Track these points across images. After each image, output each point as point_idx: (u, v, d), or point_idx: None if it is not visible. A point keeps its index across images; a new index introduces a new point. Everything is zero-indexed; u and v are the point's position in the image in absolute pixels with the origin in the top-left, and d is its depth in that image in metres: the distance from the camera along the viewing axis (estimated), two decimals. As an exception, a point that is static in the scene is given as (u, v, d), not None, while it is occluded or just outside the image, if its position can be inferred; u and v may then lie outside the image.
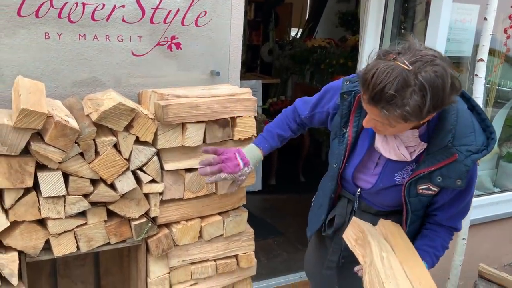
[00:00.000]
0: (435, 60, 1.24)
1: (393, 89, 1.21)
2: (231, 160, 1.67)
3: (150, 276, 1.86)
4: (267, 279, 3.23)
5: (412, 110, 1.23)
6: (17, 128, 1.48)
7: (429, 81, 1.21)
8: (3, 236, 1.58)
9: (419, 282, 1.36)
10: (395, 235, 1.53)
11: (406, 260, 1.44)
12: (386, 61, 1.26)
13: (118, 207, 1.73)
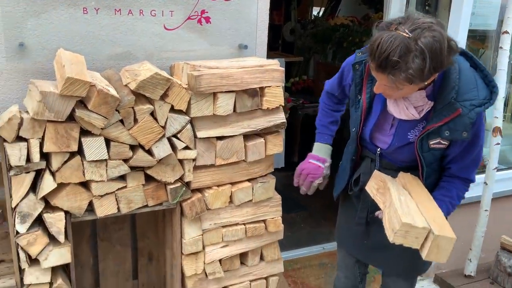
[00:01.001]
0: (432, 27, 1.36)
1: (397, 56, 1.34)
2: (311, 168, 1.88)
3: (185, 237, 1.98)
4: (291, 250, 3.34)
5: (415, 72, 1.35)
6: (63, 95, 1.59)
7: (428, 46, 1.34)
8: (50, 197, 1.71)
9: (433, 220, 1.46)
10: (413, 184, 1.65)
11: (422, 202, 1.55)
12: (388, 31, 1.37)
13: (155, 172, 1.84)
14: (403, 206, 1.51)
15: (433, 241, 1.41)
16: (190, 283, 2.04)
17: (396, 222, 1.46)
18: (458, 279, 3.12)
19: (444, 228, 1.45)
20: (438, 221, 1.47)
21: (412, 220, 1.44)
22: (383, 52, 1.35)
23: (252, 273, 2.20)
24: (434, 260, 1.48)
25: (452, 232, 1.45)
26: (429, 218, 1.47)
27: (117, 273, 2.20)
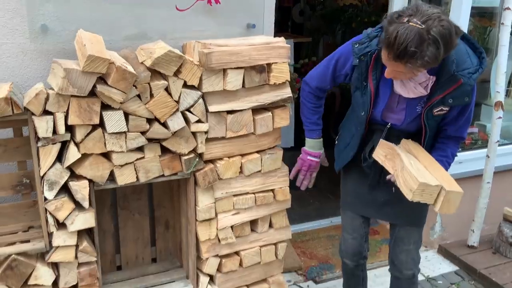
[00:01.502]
0: (440, 16, 1.53)
1: (414, 46, 1.50)
2: (309, 163, 2.14)
3: (199, 205, 2.12)
4: (301, 224, 3.49)
5: (430, 59, 1.53)
6: (85, 72, 1.72)
7: (440, 34, 1.51)
8: (75, 167, 1.86)
9: (442, 178, 1.68)
10: (417, 149, 1.86)
11: (429, 165, 1.76)
12: (401, 23, 1.53)
13: (170, 144, 1.98)
14: (415, 169, 1.71)
15: (445, 196, 1.64)
16: (204, 247, 2.19)
17: (413, 183, 1.66)
18: (461, 249, 3.25)
19: (452, 185, 1.67)
20: (446, 179, 1.69)
21: (426, 179, 1.65)
22: (401, 44, 1.51)
23: (262, 239, 2.34)
24: (445, 212, 1.71)
25: (459, 187, 1.67)
26: (438, 177, 1.68)
27: (136, 240, 2.36)
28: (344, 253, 2.27)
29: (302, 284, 2.92)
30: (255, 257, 2.33)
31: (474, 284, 3.00)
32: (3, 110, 1.67)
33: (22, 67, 2.08)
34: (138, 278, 2.28)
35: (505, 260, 3.11)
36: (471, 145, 3.45)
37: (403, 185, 1.73)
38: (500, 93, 2.86)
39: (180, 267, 2.39)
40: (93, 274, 1.97)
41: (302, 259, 3.14)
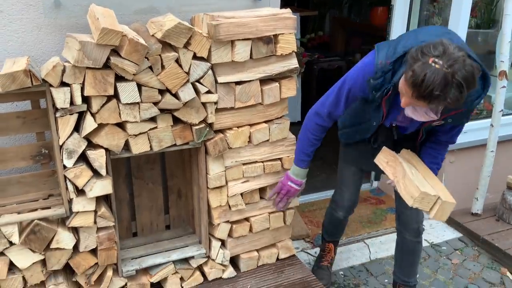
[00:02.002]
0: (465, 60, 1.55)
1: (439, 90, 1.55)
2: (288, 189, 2.26)
3: (210, 173, 2.21)
4: (308, 194, 3.58)
5: (452, 101, 1.59)
6: (99, 44, 1.79)
7: (464, 78, 1.54)
8: (92, 136, 1.94)
9: (439, 189, 1.88)
10: (414, 159, 2.06)
11: (426, 175, 1.96)
12: (428, 64, 1.55)
13: (181, 114, 2.06)
14: (416, 178, 1.89)
15: (441, 205, 1.83)
16: (215, 213, 2.28)
17: (414, 191, 1.83)
18: (465, 217, 3.33)
19: (447, 196, 1.87)
20: (441, 189, 1.88)
21: (426, 189, 1.83)
22: (428, 87, 1.55)
23: (271, 206, 2.43)
24: (438, 219, 1.89)
25: (452, 198, 1.87)
26: (435, 188, 1.88)
27: (150, 208, 2.46)
28: (340, 207, 2.46)
29: (310, 251, 3.02)
30: (264, 223, 2.43)
31: (477, 250, 3.09)
32: (22, 82, 1.75)
33: (37, 42, 2.15)
34: (153, 243, 2.39)
35: (508, 226, 3.20)
36: (476, 115, 3.50)
37: (403, 191, 1.90)
38: (505, 63, 2.89)
39: (193, 233, 2.50)
40: (111, 238, 2.07)
41: (310, 227, 3.24)
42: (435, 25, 3.40)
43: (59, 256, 2.01)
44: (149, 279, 2.25)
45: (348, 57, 5.88)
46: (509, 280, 2.82)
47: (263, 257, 2.50)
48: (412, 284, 2.41)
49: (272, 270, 2.48)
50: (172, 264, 2.28)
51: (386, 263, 2.94)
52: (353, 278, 2.81)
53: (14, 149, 2.09)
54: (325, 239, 2.75)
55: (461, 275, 2.86)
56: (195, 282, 2.36)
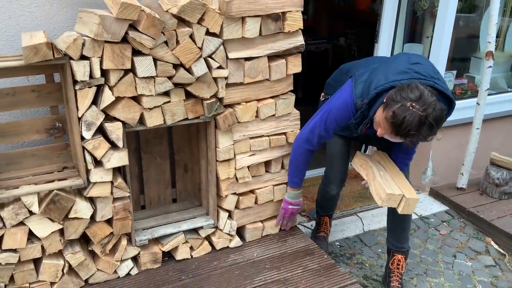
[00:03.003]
0: (436, 105, 1.83)
1: (414, 130, 1.84)
2: (291, 211, 2.53)
3: (219, 146, 2.29)
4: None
5: (424, 137, 1.89)
6: (118, 19, 1.84)
7: (435, 119, 1.83)
8: (109, 110, 2.00)
9: (404, 187, 2.15)
10: (385, 160, 2.33)
11: (394, 175, 2.23)
12: (406, 108, 1.81)
13: (194, 88, 2.13)
14: (383, 180, 2.18)
15: (406, 201, 2.11)
16: (224, 185, 2.38)
17: (382, 193, 2.12)
18: (451, 191, 3.52)
19: (411, 193, 2.13)
20: (407, 187, 2.16)
21: (392, 190, 2.12)
22: (406, 128, 1.83)
23: (275, 179, 2.54)
24: (405, 213, 2.16)
25: (416, 195, 2.13)
26: (401, 186, 2.16)
27: (158, 182, 2.53)
28: (333, 181, 2.62)
29: (306, 224, 3.15)
30: (268, 195, 2.54)
31: (463, 222, 3.28)
32: (45, 54, 1.79)
33: (48, 17, 2.18)
34: (162, 215, 2.47)
35: (491, 200, 3.39)
36: (461, 95, 3.67)
37: (374, 192, 2.19)
38: (491, 43, 3.04)
39: (199, 206, 2.58)
40: (126, 208, 2.15)
41: (305, 202, 3.37)
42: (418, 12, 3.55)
43: (76, 225, 2.07)
44: (160, 248, 2.34)
45: (333, 41, 6.01)
46: (494, 248, 3.01)
47: (267, 228, 2.62)
48: (405, 249, 2.56)
49: (276, 239, 2.60)
50: (182, 234, 2.37)
51: (378, 234, 3.10)
52: (348, 248, 2.96)
53: (29, 122, 2.13)
54: (320, 214, 2.90)
55: (448, 245, 3.04)
56: (204, 251, 2.45)
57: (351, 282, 2.29)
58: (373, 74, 2.07)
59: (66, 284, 2.16)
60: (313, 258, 2.46)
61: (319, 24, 6.45)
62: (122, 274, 2.28)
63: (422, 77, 1.96)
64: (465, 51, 3.94)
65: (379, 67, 2.10)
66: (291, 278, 2.30)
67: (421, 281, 2.68)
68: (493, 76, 3.41)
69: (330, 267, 2.39)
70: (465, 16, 3.95)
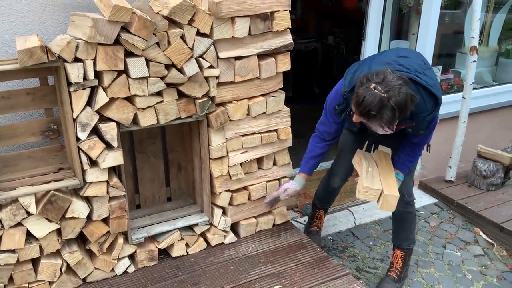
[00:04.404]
0: (401, 88, 1.83)
1: (375, 110, 1.83)
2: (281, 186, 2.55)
3: (212, 144, 2.34)
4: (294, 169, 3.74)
5: (386, 121, 1.87)
6: (110, 21, 1.89)
7: (397, 103, 1.82)
8: (103, 110, 2.04)
9: (387, 184, 2.20)
10: (382, 160, 2.37)
11: (383, 173, 2.27)
12: (369, 89, 1.83)
13: (186, 88, 2.18)
14: (368, 175, 2.25)
15: (384, 197, 2.15)
16: (217, 182, 2.43)
17: (360, 185, 2.19)
18: (439, 184, 3.59)
19: (392, 190, 2.17)
20: (390, 185, 2.20)
21: (370, 184, 2.18)
22: (366, 107, 1.84)
23: (267, 175, 2.60)
24: (385, 210, 2.19)
25: (397, 192, 2.17)
26: (384, 183, 2.20)
27: (152, 181, 2.58)
28: (337, 174, 2.67)
29: (299, 219, 3.21)
30: (261, 191, 2.59)
31: (452, 213, 3.36)
32: (39, 57, 1.83)
33: (41, 21, 2.21)
34: (157, 214, 2.52)
35: (479, 191, 3.48)
36: (447, 90, 3.75)
37: (358, 185, 2.24)
38: (475, 39, 3.12)
39: (193, 204, 2.63)
40: (122, 207, 2.19)
41: (297, 198, 3.43)
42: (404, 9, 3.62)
43: (73, 225, 2.10)
44: (157, 245, 2.38)
45: (322, 39, 6.08)
46: (482, 238, 3.09)
47: (261, 223, 2.67)
48: (405, 248, 2.61)
49: (270, 234, 2.66)
50: (177, 232, 2.41)
51: (370, 228, 3.17)
52: (341, 241, 3.02)
53: (24, 125, 2.16)
54: (316, 206, 2.94)
55: (438, 236, 3.11)
56: (199, 248, 2.50)
57: (344, 273, 2.35)
58: (361, 65, 2.14)
59: (65, 283, 2.19)
60: (306, 251, 2.51)
61: (307, 24, 6.52)
62: (119, 272, 2.33)
63: (405, 69, 1.99)
64: (450, 47, 4.04)
65: (368, 59, 2.18)
66: (285, 271, 2.35)
67: (412, 272, 2.75)
68: (478, 70, 3.50)
69: (323, 259, 2.45)
70: (450, 12, 4.05)
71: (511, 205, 3.28)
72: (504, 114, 3.98)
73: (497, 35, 4.17)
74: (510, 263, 2.87)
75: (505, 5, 4.14)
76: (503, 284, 2.69)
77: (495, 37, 4.16)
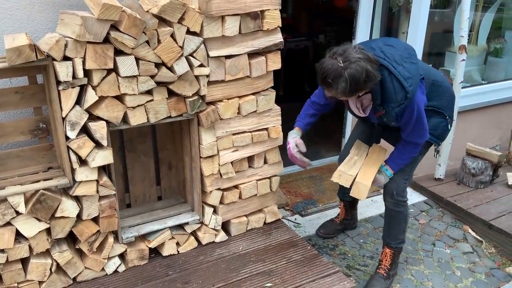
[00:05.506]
0: (359, 61, 1.92)
1: (330, 78, 1.94)
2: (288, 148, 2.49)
3: (202, 143, 2.34)
4: (285, 167, 3.75)
5: (341, 91, 1.96)
6: (100, 19, 1.88)
7: (351, 75, 1.91)
8: (93, 109, 2.03)
9: (364, 174, 2.30)
10: (374, 153, 2.46)
11: (367, 165, 2.37)
12: (331, 58, 1.95)
13: (176, 87, 2.17)
14: (350, 162, 2.38)
15: (355, 184, 2.27)
16: (208, 181, 2.43)
17: (337, 169, 2.33)
18: (429, 182, 3.62)
19: (365, 179, 2.26)
20: (366, 175, 2.30)
21: (347, 170, 2.31)
22: (323, 74, 1.95)
23: (258, 174, 2.60)
24: (356, 196, 2.28)
25: (369, 183, 2.25)
26: (361, 172, 2.31)
27: (143, 180, 2.57)
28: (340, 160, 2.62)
29: (290, 218, 3.22)
30: (252, 189, 2.60)
31: (441, 211, 3.39)
32: (28, 56, 1.82)
33: (30, 19, 2.20)
34: (148, 212, 2.51)
35: (468, 189, 3.51)
36: (437, 89, 3.77)
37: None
38: (464, 38, 3.15)
39: (184, 203, 2.63)
40: (112, 206, 2.18)
41: (288, 197, 3.44)
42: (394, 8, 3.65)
43: (63, 224, 2.09)
44: (147, 244, 2.38)
45: (313, 38, 6.09)
46: (471, 235, 3.12)
47: (251, 222, 2.68)
48: (393, 246, 2.61)
49: (260, 233, 2.66)
50: (168, 230, 2.41)
51: (360, 226, 3.18)
52: (331, 239, 3.03)
53: (13, 123, 2.15)
54: (339, 198, 3.02)
55: (428, 233, 3.14)
56: (190, 247, 2.50)
57: (334, 271, 2.36)
58: None
59: (54, 283, 2.18)
60: (297, 249, 2.52)
61: (298, 22, 6.53)
62: (110, 272, 2.32)
63: (384, 57, 2.07)
64: (440, 46, 4.06)
65: (359, 43, 2.23)
66: (276, 269, 2.36)
67: (402, 269, 2.77)
68: (467, 69, 3.52)
69: (314, 257, 2.46)
70: (440, 11, 4.08)
71: (500, 202, 3.31)
72: (492, 113, 4.01)
73: (486, 34, 4.20)
74: (498, 260, 2.90)
75: (494, 4, 4.17)
76: (491, 280, 2.72)
77: (484, 36, 4.19)
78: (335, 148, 4.07)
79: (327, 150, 4.10)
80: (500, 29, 4.38)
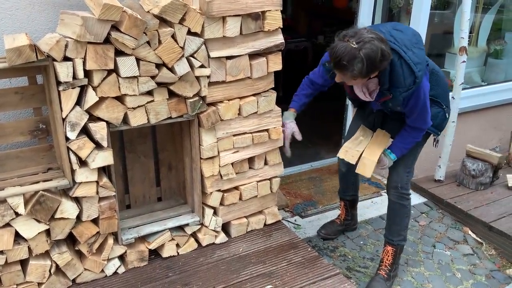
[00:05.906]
0: (372, 41, 1.90)
1: (346, 60, 1.91)
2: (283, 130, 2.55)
3: (203, 144, 2.33)
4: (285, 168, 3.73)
5: (357, 72, 1.94)
6: (100, 20, 1.87)
7: (367, 55, 1.89)
8: (93, 110, 2.02)
9: (370, 151, 2.34)
10: (378, 136, 2.46)
11: (372, 144, 2.40)
12: (343, 41, 1.93)
13: (177, 87, 2.16)
14: (356, 141, 2.43)
15: (361, 160, 2.31)
16: (208, 182, 2.42)
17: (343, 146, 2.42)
18: (429, 183, 3.62)
19: (372, 156, 2.30)
20: (373, 151, 2.33)
21: (354, 147, 2.38)
22: (337, 57, 1.93)
23: (258, 175, 2.59)
24: (361, 173, 2.32)
25: (376, 159, 2.28)
26: (367, 149, 2.36)
27: (143, 181, 2.56)
28: None
29: (290, 219, 3.21)
30: (252, 191, 2.59)
31: (441, 212, 3.38)
32: (28, 56, 1.81)
33: (30, 20, 2.19)
34: (148, 214, 2.50)
35: (468, 190, 3.50)
36: (437, 90, 3.77)
37: None
38: (464, 39, 3.14)
39: (184, 204, 2.62)
40: (112, 207, 2.17)
41: (288, 198, 3.43)
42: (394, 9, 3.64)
43: (63, 225, 2.08)
44: (147, 246, 2.37)
45: (312, 39, 6.09)
46: (471, 237, 3.11)
47: (252, 223, 2.67)
48: (395, 243, 2.60)
49: (261, 234, 2.65)
50: (168, 232, 2.40)
51: (360, 227, 3.18)
52: (331, 241, 3.02)
53: (13, 124, 2.14)
54: (339, 197, 3.02)
55: (428, 235, 3.13)
56: (190, 248, 2.49)
57: (334, 273, 2.35)
58: None
59: (54, 285, 2.17)
60: (297, 251, 2.51)
61: (298, 23, 6.53)
62: (109, 273, 2.31)
63: (394, 41, 2.05)
64: (440, 47, 4.06)
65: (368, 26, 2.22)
66: (276, 271, 2.35)
67: (402, 271, 2.76)
68: (467, 71, 3.52)
69: (314, 259, 2.45)
70: (440, 12, 4.08)
71: (500, 204, 3.31)
72: (492, 114, 4.01)
73: (486, 36, 4.20)
74: (498, 262, 2.90)
75: (494, 6, 4.18)
76: (492, 282, 2.72)
77: (484, 37, 4.19)
78: (335, 149, 4.05)
79: (327, 151, 4.09)
80: (500, 31, 4.38)
